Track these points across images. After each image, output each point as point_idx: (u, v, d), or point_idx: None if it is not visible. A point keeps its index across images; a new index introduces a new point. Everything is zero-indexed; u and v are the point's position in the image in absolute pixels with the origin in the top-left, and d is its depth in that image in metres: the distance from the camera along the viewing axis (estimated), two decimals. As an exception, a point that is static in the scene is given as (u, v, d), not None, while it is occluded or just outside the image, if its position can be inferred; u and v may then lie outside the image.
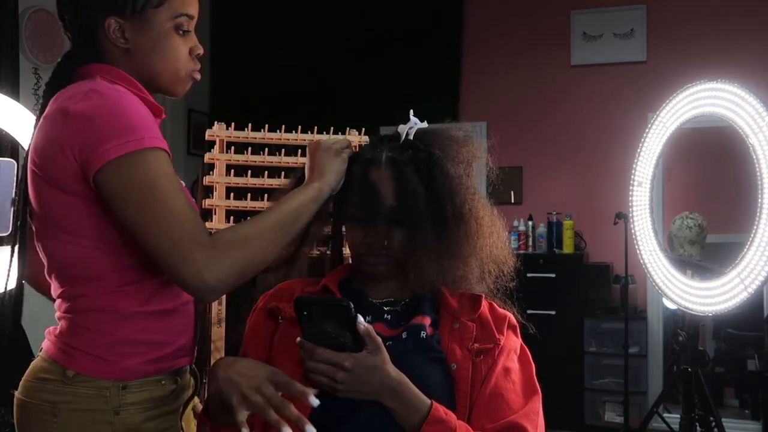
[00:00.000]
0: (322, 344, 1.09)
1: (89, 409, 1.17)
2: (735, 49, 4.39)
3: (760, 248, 2.39)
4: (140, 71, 1.26)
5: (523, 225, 4.69)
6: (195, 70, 1.31)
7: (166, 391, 1.24)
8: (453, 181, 1.25)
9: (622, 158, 4.05)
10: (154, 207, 1.12)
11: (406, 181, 1.22)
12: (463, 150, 1.30)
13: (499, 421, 1.14)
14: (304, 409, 1.12)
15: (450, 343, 1.21)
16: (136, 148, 1.12)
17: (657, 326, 4.44)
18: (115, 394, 1.17)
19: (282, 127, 2.27)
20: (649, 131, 2.96)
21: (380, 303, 1.28)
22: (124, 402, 1.18)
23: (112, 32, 1.23)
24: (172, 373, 1.26)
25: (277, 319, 1.26)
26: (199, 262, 1.11)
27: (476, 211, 1.26)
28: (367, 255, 1.25)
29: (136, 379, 1.19)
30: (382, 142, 1.30)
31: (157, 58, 1.25)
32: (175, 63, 1.27)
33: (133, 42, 1.24)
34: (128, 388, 1.19)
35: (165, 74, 1.27)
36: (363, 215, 1.25)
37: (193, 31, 1.31)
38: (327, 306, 1.11)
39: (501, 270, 1.29)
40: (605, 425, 4.28)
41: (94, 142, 1.12)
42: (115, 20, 1.22)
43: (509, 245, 1.32)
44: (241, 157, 2.23)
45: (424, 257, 1.21)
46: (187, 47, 1.29)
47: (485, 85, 5.02)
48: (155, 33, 1.24)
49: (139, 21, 1.23)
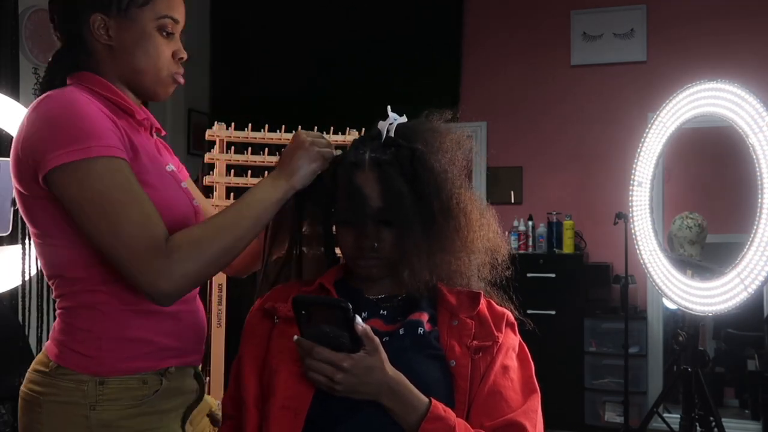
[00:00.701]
0: (320, 344, 1.09)
1: (68, 402, 1.19)
2: (735, 49, 4.39)
3: (760, 248, 2.39)
4: (122, 69, 1.28)
5: (523, 225, 4.69)
6: (177, 73, 1.32)
7: (148, 390, 1.23)
8: (438, 176, 1.24)
9: (622, 158, 4.05)
10: (105, 220, 1.14)
11: (391, 182, 1.22)
12: (446, 140, 1.29)
13: (497, 419, 1.14)
14: (303, 404, 1.13)
15: (449, 340, 1.21)
16: (82, 156, 1.13)
17: (657, 326, 4.44)
18: (92, 388, 1.19)
19: (282, 127, 2.27)
20: (649, 131, 2.96)
21: (376, 299, 1.28)
22: (100, 397, 1.19)
23: (97, 28, 1.25)
24: (157, 373, 1.25)
25: (273, 319, 1.26)
26: (153, 272, 1.13)
27: (464, 205, 1.25)
28: (358, 258, 1.25)
29: (114, 376, 1.20)
30: (364, 143, 1.29)
31: (140, 55, 1.27)
32: (157, 62, 1.28)
33: (117, 39, 1.26)
34: (106, 384, 1.20)
35: (146, 73, 1.29)
36: (351, 219, 1.25)
37: (178, 36, 1.32)
38: (325, 306, 1.12)
39: (495, 260, 1.29)
40: (605, 425, 4.28)
41: (43, 148, 1.15)
42: (101, 17, 1.25)
43: (500, 233, 1.31)
44: (241, 157, 2.23)
45: (415, 256, 1.21)
46: (171, 50, 1.30)
47: (485, 85, 5.02)
48: (138, 31, 1.26)
49: (123, 19, 1.25)
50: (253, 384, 1.21)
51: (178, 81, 1.33)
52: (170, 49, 1.30)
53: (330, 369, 1.08)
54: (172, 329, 1.28)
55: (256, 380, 1.21)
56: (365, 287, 1.29)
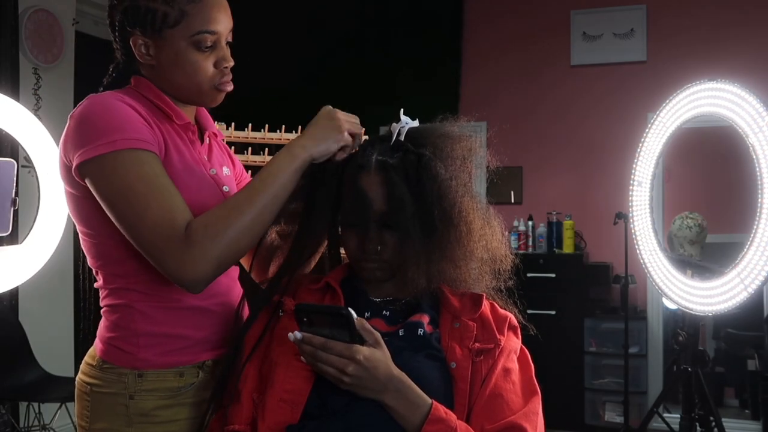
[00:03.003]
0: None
1: (111, 392, 1.27)
2: (735, 49, 4.39)
3: (760, 248, 2.39)
4: (166, 85, 1.31)
5: (523, 225, 4.69)
6: (223, 83, 1.33)
7: (184, 383, 1.28)
8: (442, 183, 1.23)
9: (622, 158, 4.05)
10: (131, 211, 1.18)
11: (394, 186, 1.21)
12: (458, 147, 1.29)
13: (498, 421, 1.14)
14: (300, 398, 1.13)
15: (450, 342, 1.21)
16: (107, 150, 1.17)
17: (657, 326, 4.44)
18: (132, 381, 1.26)
19: (282, 127, 2.28)
20: (649, 131, 2.96)
21: (380, 301, 1.28)
22: (139, 389, 1.26)
23: (138, 48, 1.29)
24: (194, 366, 1.30)
25: (278, 312, 1.26)
26: (177, 260, 1.16)
27: (466, 214, 1.24)
28: (362, 260, 1.26)
29: (152, 369, 1.26)
30: (373, 145, 1.28)
31: (178, 73, 1.29)
32: (195, 78, 1.30)
33: (157, 58, 1.29)
34: (144, 376, 1.26)
35: (187, 88, 1.31)
36: (355, 221, 1.25)
37: (223, 43, 1.32)
38: (327, 314, 1.13)
39: (497, 270, 1.29)
40: (605, 425, 4.28)
41: (73, 146, 1.21)
42: (140, 37, 1.28)
43: (506, 243, 1.31)
44: (241, 157, 2.23)
45: (413, 262, 1.21)
46: (211, 61, 1.31)
47: (485, 85, 5.02)
48: (174, 51, 1.28)
49: (159, 39, 1.27)
50: (253, 374, 1.22)
51: (225, 89, 1.35)
52: (210, 61, 1.30)
53: (342, 361, 1.08)
54: (206, 323, 1.31)
55: (255, 370, 1.22)
56: (370, 288, 1.29)
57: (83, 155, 1.18)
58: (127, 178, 1.17)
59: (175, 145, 1.28)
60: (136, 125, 1.21)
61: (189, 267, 1.16)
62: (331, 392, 1.12)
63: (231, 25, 1.34)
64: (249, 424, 1.17)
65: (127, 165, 1.18)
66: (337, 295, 1.27)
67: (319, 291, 1.29)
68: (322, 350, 1.09)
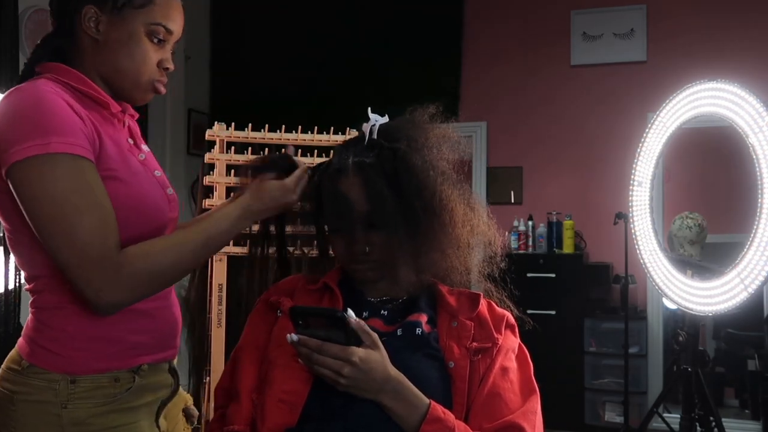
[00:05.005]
0: None
1: (40, 401, 1.18)
2: (735, 49, 4.39)
3: (760, 248, 2.39)
4: (103, 66, 1.27)
5: (523, 225, 4.69)
6: (159, 82, 1.31)
7: (121, 388, 1.22)
8: (419, 174, 1.23)
9: (622, 158, 4.05)
10: (60, 223, 1.11)
11: (373, 185, 1.22)
12: (431, 135, 1.29)
13: (497, 420, 1.14)
14: (299, 399, 1.13)
15: (448, 341, 1.21)
16: (42, 152, 1.11)
17: (657, 326, 4.44)
18: (64, 387, 1.18)
19: (282, 127, 2.27)
20: (649, 131, 2.96)
21: (377, 301, 1.28)
22: (72, 396, 1.18)
23: (87, 20, 1.24)
24: (129, 371, 1.24)
25: (276, 312, 1.26)
26: (98, 285, 1.12)
27: (447, 202, 1.24)
28: (352, 263, 1.26)
29: (86, 375, 1.19)
30: (347, 148, 1.29)
31: (123, 56, 1.26)
32: (140, 66, 1.27)
33: (105, 35, 1.25)
34: (77, 382, 1.19)
35: (126, 74, 1.27)
36: (340, 226, 1.25)
37: (170, 46, 1.31)
38: (322, 316, 1.13)
39: (487, 253, 1.29)
40: (605, 425, 4.28)
41: (5, 142, 1.13)
42: (94, 9, 1.24)
43: (492, 225, 1.30)
44: (241, 157, 2.23)
45: (401, 258, 1.21)
46: (158, 57, 1.29)
47: (485, 85, 5.01)
48: (128, 32, 1.25)
49: (116, 17, 1.24)
50: (251, 374, 1.22)
51: (159, 90, 1.31)
52: (157, 56, 1.29)
53: (338, 363, 1.08)
54: (145, 327, 1.27)
55: (254, 371, 1.22)
56: (366, 289, 1.29)
57: (17, 154, 1.11)
58: (61, 188, 1.11)
59: (111, 136, 1.24)
60: (74, 127, 1.15)
61: (112, 291, 1.13)
62: (329, 393, 1.12)
63: (180, 35, 1.32)
64: (248, 425, 1.17)
65: (64, 173, 1.11)
66: (335, 296, 1.27)
67: (317, 292, 1.29)
68: (317, 352, 1.09)
